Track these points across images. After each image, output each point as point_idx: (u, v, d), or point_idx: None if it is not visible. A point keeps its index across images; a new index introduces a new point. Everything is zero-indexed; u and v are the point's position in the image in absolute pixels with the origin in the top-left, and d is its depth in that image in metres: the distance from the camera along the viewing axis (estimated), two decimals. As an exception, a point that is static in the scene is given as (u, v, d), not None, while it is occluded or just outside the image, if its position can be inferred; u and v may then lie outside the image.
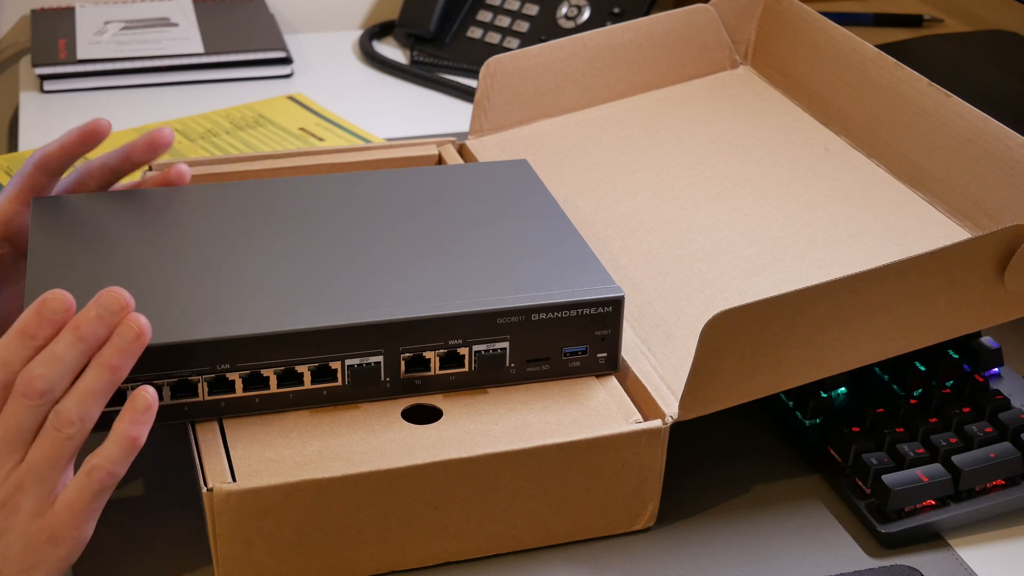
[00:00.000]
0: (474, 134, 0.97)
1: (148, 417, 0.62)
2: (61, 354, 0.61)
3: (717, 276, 0.80)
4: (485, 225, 0.77)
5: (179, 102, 1.20)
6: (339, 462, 0.66)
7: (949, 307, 0.72)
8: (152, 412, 0.63)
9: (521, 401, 0.71)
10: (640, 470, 0.69)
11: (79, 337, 0.61)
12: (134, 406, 0.62)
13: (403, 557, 0.67)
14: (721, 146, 0.94)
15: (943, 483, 0.71)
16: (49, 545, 0.61)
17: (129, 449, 0.62)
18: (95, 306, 0.62)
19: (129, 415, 0.62)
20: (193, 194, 0.80)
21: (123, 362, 0.62)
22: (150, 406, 0.62)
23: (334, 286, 0.71)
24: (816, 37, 0.97)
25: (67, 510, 0.61)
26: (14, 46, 1.32)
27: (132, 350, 0.62)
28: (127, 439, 0.62)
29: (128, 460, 0.62)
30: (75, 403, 0.61)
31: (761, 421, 0.79)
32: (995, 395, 0.76)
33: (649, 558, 0.69)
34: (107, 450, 0.62)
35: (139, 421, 0.62)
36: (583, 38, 0.99)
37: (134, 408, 0.62)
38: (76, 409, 0.61)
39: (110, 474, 0.61)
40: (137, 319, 0.62)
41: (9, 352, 0.61)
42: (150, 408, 0.62)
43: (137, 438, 0.62)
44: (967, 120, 0.83)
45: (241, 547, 0.64)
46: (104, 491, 0.62)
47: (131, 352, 0.62)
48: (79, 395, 0.61)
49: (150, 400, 0.62)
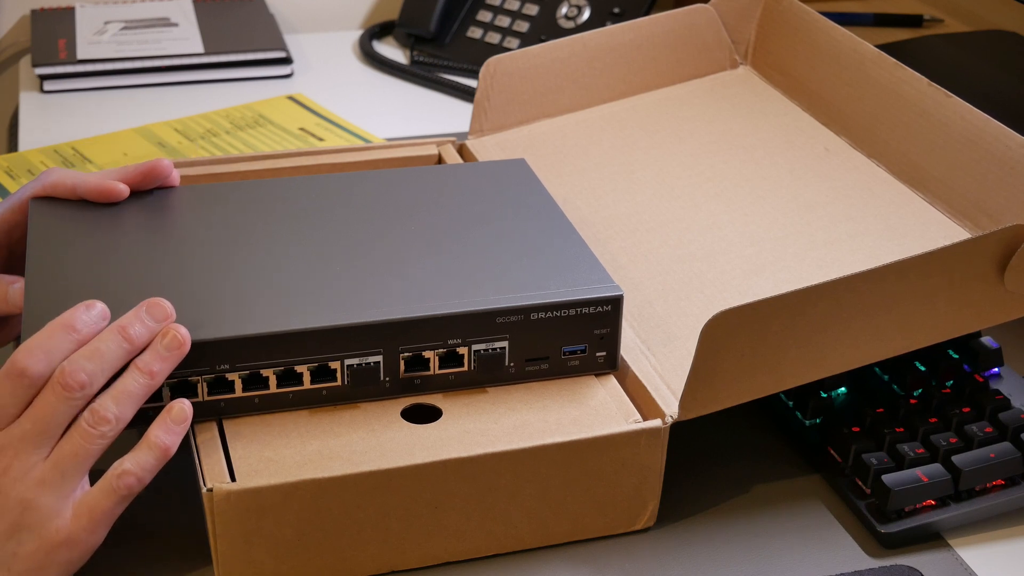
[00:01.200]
0: (474, 134, 0.97)
1: (182, 428, 0.64)
2: (105, 351, 0.62)
3: (717, 276, 0.80)
4: (484, 225, 0.77)
5: (179, 102, 1.20)
6: (339, 462, 0.66)
7: (949, 307, 0.72)
8: (186, 425, 0.64)
9: (521, 400, 0.71)
10: (640, 470, 0.69)
11: (125, 338, 0.63)
12: (171, 416, 0.64)
13: (403, 557, 0.67)
14: (721, 146, 0.94)
15: (943, 483, 0.71)
16: (63, 547, 0.61)
17: (160, 457, 0.63)
18: (140, 311, 0.64)
19: (164, 423, 0.63)
20: (193, 194, 0.80)
21: (163, 368, 0.64)
22: (186, 417, 0.64)
23: (334, 286, 0.71)
24: (816, 37, 0.97)
25: (88, 513, 0.61)
26: (14, 46, 1.32)
27: (172, 358, 0.64)
28: (160, 447, 0.63)
29: (157, 468, 0.63)
30: (113, 402, 0.62)
31: (761, 421, 0.79)
32: (995, 395, 0.76)
33: (649, 558, 0.69)
34: (139, 456, 0.62)
35: (172, 431, 0.64)
36: (583, 38, 0.99)
37: (170, 418, 0.64)
38: (113, 408, 0.62)
39: (139, 480, 0.62)
40: (180, 330, 0.64)
41: (51, 343, 0.62)
42: (186, 420, 0.64)
43: (169, 447, 0.63)
44: (967, 120, 0.83)
45: (241, 547, 0.64)
46: (128, 498, 0.63)
47: (171, 360, 0.64)
48: (117, 395, 0.62)
49: (187, 412, 0.64)
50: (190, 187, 0.81)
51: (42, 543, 0.61)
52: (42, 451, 0.61)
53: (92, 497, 0.62)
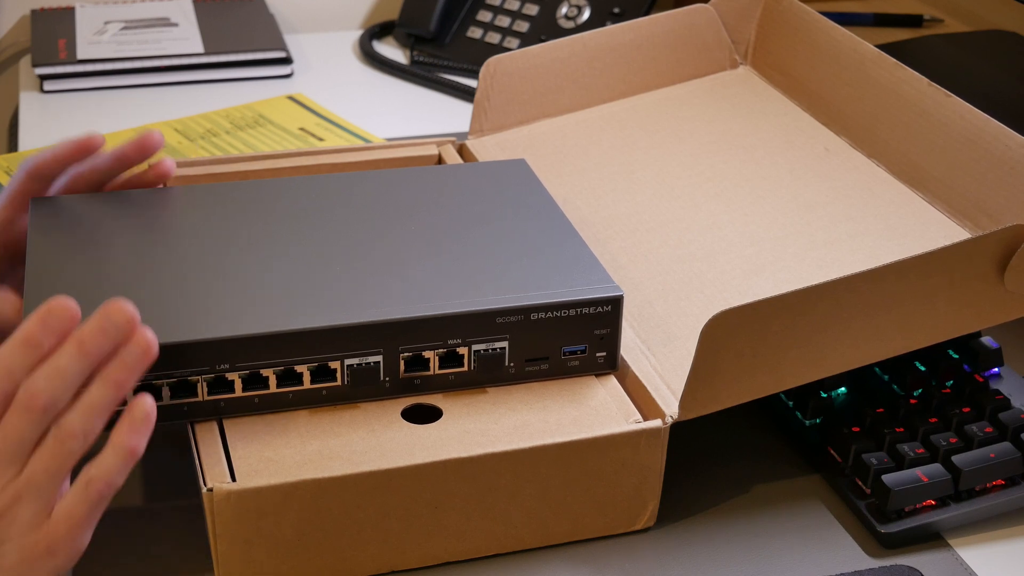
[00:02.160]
0: (474, 134, 0.97)
1: (147, 427, 0.61)
2: (64, 368, 0.59)
3: (717, 276, 0.80)
4: (484, 225, 0.77)
5: (179, 102, 1.20)
6: (339, 462, 0.66)
7: (949, 307, 0.72)
8: (151, 421, 0.61)
9: (521, 401, 0.71)
10: (640, 470, 0.69)
11: (83, 352, 0.59)
12: (132, 415, 0.60)
13: (403, 557, 0.67)
14: (721, 146, 0.94)
15: (943, 483, 0.71)
16: (46, 556, 0.60)
17: (127, 459, 0.60)
18: (100, 319, 0.60)
19: (127, 424, 0.60)
20: (193, 194, 0.80)
21: (129, 377, 0.60)
22: (148, 415, 0.61)
23: (333, 286, 0.71)
24: (816, 37, 0.97)
25: (65, 522, 0.60)
26: (14, 46, 1.32)
27: (139, 366, 0.61)
28: (125, 450, 0.60)
29: (126, 470, 0.60)
30: (79, 417, 0.59)
31: (761, 421, 0.79)
32: (995, 395, 0.76)
33: (649, 558, 0.69)
34: (105, 461, 0.60)
35: (137, 431, 0.60)
36: (583, 38, 0.99)
37: (132, 417, 0.60)
38: (80, 423, 0.59)
39: (108, 485, 0.60)
40: (144, 335, 0.60)
41: (12, 361, 0.59)
42: (148, 417, 0.61)
43: (135, 448, 0.60)
44: (967, 120, 0.83)
45: (241, 547, 0.64)
46: (102, 502, 0.60)
47: (138, 368, 0.61)
48: (83, 410, 0.60)
49: (148, 409, 0.61)
50: (190, 187, 0.81)
51: (24, 554, 0.60)
52: (14, 467, 0.59)
53: (67, 505, 0.60)
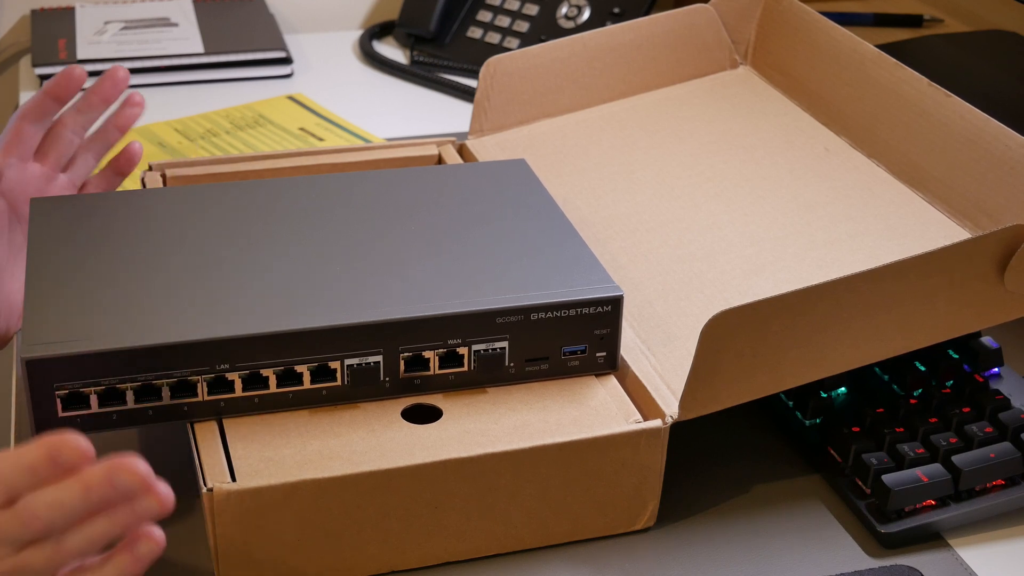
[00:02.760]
0: (474, 134, 0.97)
1: (151, 560, 0.58)
2: (66, 503, 0.56)
3: (717, 276, 0.80)
4: (484, 225, 0.77)
5: (179, 102, 1.20)
6: (339, 462, 0.66)
7: (949, 307, 0.72)
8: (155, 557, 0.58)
9: (521, 401, 0.71)
10: (640, 470, 0.69)
11: (87, 497, 0.56)
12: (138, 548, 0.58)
13: (403, 557, 0.67)
14: (721, 146, 0.94)
15: (943, 483, 0.71)
16: None
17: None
18: (111, 475, 0.56)
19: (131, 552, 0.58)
20: (193, 194, 0.80)
21: (139, 525, 0.57)
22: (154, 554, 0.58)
23: (333, 286, 0.71)
24: (816, 37, 0.97)
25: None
26: (14, 46, 1.32)
27: (151, 518, 0.57)
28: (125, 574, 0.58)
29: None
30: (79, 543, 0.57)
31: (761, 421, 0.79)
32: (995, 395, 0.76)
33: (649, 558, 0.69)
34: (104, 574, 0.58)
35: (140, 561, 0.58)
36: (583, 38, 0.99)
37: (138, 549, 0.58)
38: (78, 547, 0.57)
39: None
40: (159, 492, 0.56)
41: (14, 479, 0.56)
42: (153, 554, 0.58)
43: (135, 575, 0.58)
44: (967, 120, 0.83)
45: (241, 547, 0.64)
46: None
47: (150, 520, 0.57)
48: (85, 539, 0.57)
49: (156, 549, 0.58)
50: (190, 187, 0.81)
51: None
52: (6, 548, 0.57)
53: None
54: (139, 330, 0.66)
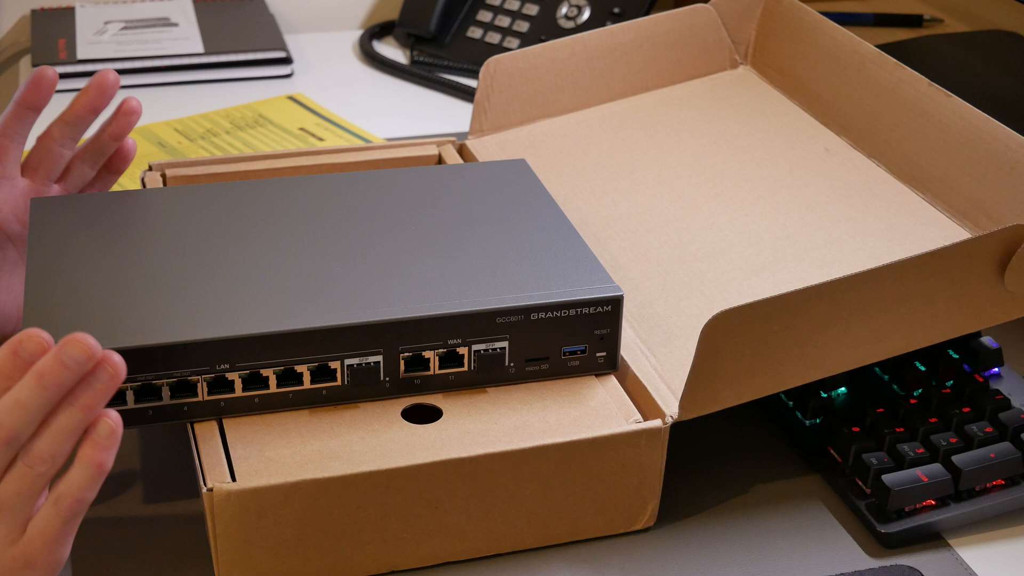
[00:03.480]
0: (474, 134, 0.97)
1: (112, 442, 0.60)
2: (24, 401, 0.58)
3: (717, 276, 0.80)
4: (484, 225, 0.77)
5: (179, 102, 1.20)
6: (339, 462, 0.66)
7: (949, 307, 0.72)
8: (116, 438, 0.60)
9: (521, 401, 0.71)
10: (640, 470, 0.69)
11: (43, 385, 0.58)
12: (97, 432, 0.59)
13: (403, 557, 0.67)
14: (721, 146, 0.94)
15: (943, 483, 0.71)
16: (25, 570, 0.59)
17: (96, 475, 0.59)
18: (58, 352, 0.58)
19: (92, 441, 0.59)
20: (193, 194, 0.80)
21: (98, 401, 0.59)
22: (113, 431, 0.60)
23: (334, 286, 0.71)
24: (816, 37, 0.97)
25: (39, 537, 0.60)
26: (14, 46, 1.32)
27: (107, 390, 0.59)
28: (93, 465, 0.59)
29: (96, 485, 0.60)
30: (47, 442, 0.59)
31: (761, 421, 0.79)
32: (995, 395, 0.76)
33: (649, 558, 0.69)
34: (73, 477, 0.59)
35: (103, 447, 0.59)
36: (583, 38, 0.99)
37: (97, 433, 0.59)
38: (48, 447, 0.59)
39: (78, 501, 0.59)
40: (111, 361, 0.59)
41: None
42: (113, 433, 0.59)
43: (103, 463, 0.59)
44: (967, 120, 0.83)
45: (241, 547, 0.64)
46: (74, 517, 0.60)
47: (107, 392, 0.59)
48: (51, 435, 0.59)
49: (113, 426, 0.60)
50: (190, 187, 0.81)
51: (4, 570, 0.59)
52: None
53: (40, 521, 0.60)
54: (139, 330, 0.66)
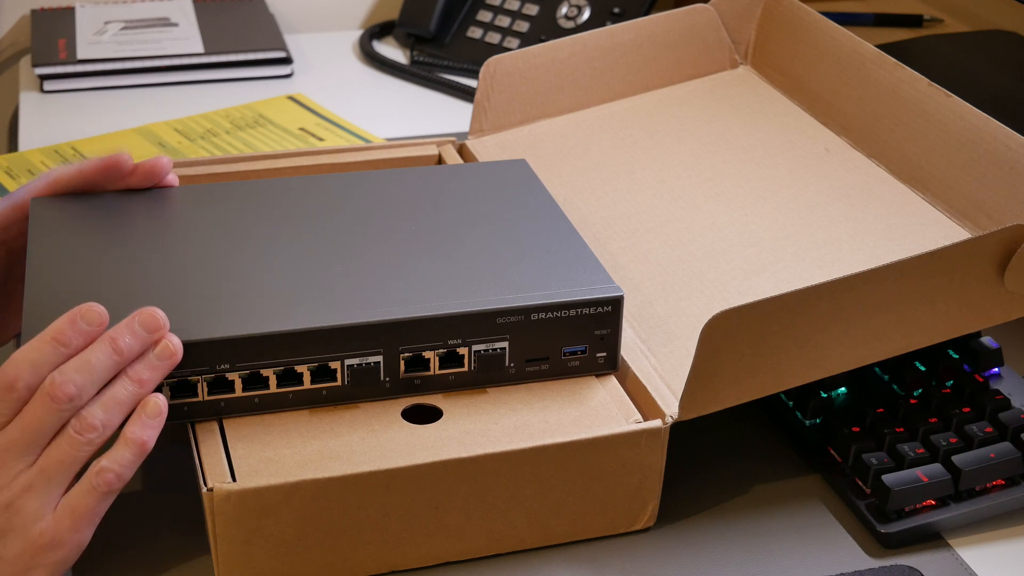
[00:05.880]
0: (474, 134, 0.97)
1: (158, 421, 0.64)
2: (94, 363, 0.62)
3: (717, 276, 0.80)
4: (484, 225, 0.77)
5: (179, 102, 1.20)
6: (339, 462, 0.66)
7: (949, 307, 0.72)
8: (162, 418, 0.64)
9: (521, 401, 0.71)
10: (640, 470, 0.69)
11: (115, 350, 0.63)
12: (145, 411, 0.63)
13: (403, 557, 0.67)
14: (721, 146, 0.94)
15: (943, 483, 0.71)
16: (48, 549, 0.61)
17: (138, 453, 0.63)
18: (133, 322, 0.64)
19: (140, 419, 0.63)
20: (193, 194, 0.80)
21: (153, 377, 0.64)
22: (161, 412, 0.64)
23: (333, 286, 0.71)
24: (816, 37, 0.97)
25: (71, 514, 0.61)
26: (14, 46, 1.32)
27: (164, 367, 0.64)
28: (137, 443, 0.63)
29: (136, 464, 0.63)
30: (101, 409, 0.62)
31: (761, 421, 0.79)
32: (995, 395, 0.76)
33: (649, 558, 0.69)
34: (117, 453, 0.62)
35: (149, 426, 0.63)
36: (583, 38, 0.99)
37: (145, 412, 0.63)
38: (101, 415, 0.62)
39: (118, 476, 0.62)
40: (172, 339, 0.64)
41: (39, 356, 0.62)
42: (161, 414, 0.64)
43: (147, 442, 0.63)
44: (967, 120, 0.83)
45: (241, 547, 0.64)
46: (109, 495, 0.62)
47: (162, 369, 0.64)
48: (106, 402, 0.62)
49: (161, 406, 0.64)
50: (190, 187, 0.81)
51: (27, 546, 0.61)
52: (28, 458, 0.61)
53: (74, 497, 0.62)
54: (139, 330, 0.66)
